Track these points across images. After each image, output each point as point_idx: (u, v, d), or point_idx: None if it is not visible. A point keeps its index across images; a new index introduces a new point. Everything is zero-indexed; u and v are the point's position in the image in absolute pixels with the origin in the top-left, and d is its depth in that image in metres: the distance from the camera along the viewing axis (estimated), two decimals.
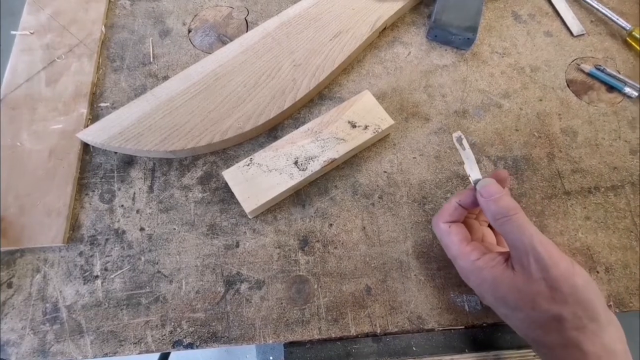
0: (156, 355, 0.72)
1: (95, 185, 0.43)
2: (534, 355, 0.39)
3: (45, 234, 0.40)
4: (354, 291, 0.39)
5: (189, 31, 0.52)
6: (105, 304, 0.38)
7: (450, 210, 0.36)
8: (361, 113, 0.44)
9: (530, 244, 0.31)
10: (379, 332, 0.38)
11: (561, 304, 0.30)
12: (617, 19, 0.52)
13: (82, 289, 0.39)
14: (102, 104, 0.47)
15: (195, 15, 0.53)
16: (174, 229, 0.41)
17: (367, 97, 0.45)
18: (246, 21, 0.53)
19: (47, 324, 0.38)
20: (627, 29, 0.51)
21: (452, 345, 0.39)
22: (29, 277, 0.39)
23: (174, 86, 0.46)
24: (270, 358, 0.53)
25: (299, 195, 0.43)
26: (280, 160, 0.42)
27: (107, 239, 0.41)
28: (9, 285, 0.39)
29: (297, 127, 0.45)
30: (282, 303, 0.39)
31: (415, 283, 0.40)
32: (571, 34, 0.53)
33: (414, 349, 0.39)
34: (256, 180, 0.41)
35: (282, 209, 0.43)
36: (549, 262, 0.30)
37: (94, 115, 0.46)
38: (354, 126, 0.44)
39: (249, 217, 0.42)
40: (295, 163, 0.42)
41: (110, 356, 0.37)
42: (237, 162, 0.43)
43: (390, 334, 0.39)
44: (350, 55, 0.48)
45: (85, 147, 0.45)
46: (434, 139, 0.46)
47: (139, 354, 0.37)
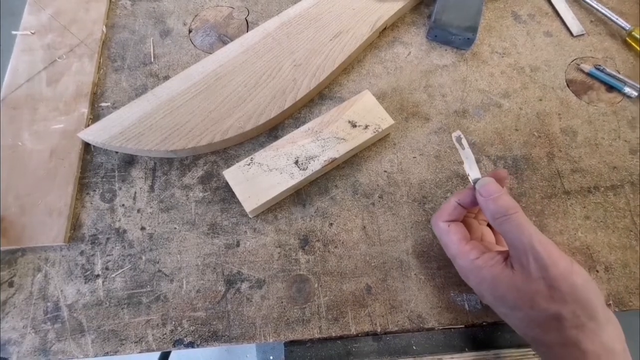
0: (157, 354, 0.72)
1: (96, 184, 0.43)
2: (534, 354, 0.39)
3: (47, 233, 0.40)
4: (354, 290, 0.40)
5: (190, 31, 0.52)
6: (106, 303, 0.39)
7: (449, 209, 0.36)
8: (361, 113, 0.45)
9: (530, 243, 0.31)
10: (379, 331, 0.38)
11: (560, 303, 0.30)
12: (617, 19, 0.52)
13: (83, 288, 0.39)
14: (103, 104, 0.47)
15: (196, 16, 0.53)
16: (175, 228, 0.42)
17: (367, 97, 0.45)
18: (247, 21, 0.53)
19: (48, 323, 0.38)
20: (627, 29, 0.51)
21: (452, 344, 0.39)
22: (30, 276, 0.39)
23: (175, 86, 0.46)
24: (271, 357, 0.53)
25: (299, 194, 0.43)
26: (281, 159, 0.42)
27: (108, 238, 0.41)
28: (10, 284, 0.39)
29: (298, 127, 0.45)
30: (282, 302, 0.39)
31: (415, 282, 0.40)
32: (571, 34, 0.53)
33: (414, 347, 0.39)
34: (257, 179, 0.41)
35: (283, 209, 0.43)
36: (548, 262, 0.30)
37: (95, 115, 0.46)
38: (354, 126, 0.44)
39: (250, 216, 0.42)
40: (296, 162, 0.42)
41: (111, 355, 0.37)
42: (237, 162, 0.43)
43: (390, 333, 0.39)
44: (351, 55, 0.48)
45: (86, 146, 0.45)
46: (434, 139, 0.46)
47: (139, 352, 0.37)
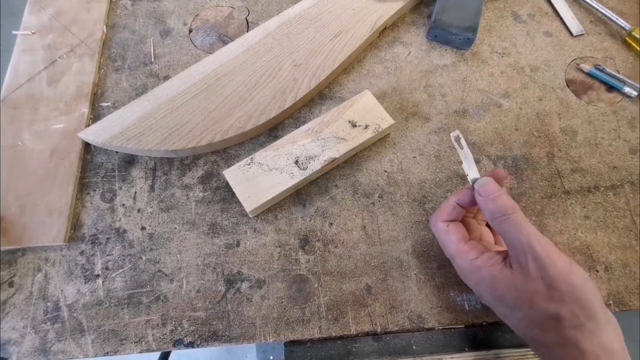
0: (157, 354, 0.72)
1: (96, 184, 0.43)
2: (534, 354, 0.39)
3: (47, 233, 0.40)
4: (354, 290, 0.40)
5: (190, 31, 0.52)
6: (106, 303, 0.39)
7: (448, 209, 0.36)
8: (361, 113, 0.45)
9: (528, 243, 0.31)
10: (379, 331, 0.38)
11: (559, 303, 0.30)
12: (617, 19, 0.52)
13: (83, 288, 0.39)
14: (103, 104, 0.47)
15: (196, 15, 0.53)
16: (175, 228, 0.42)
17: (367, 96, 0.45)
18: (247, 21, 0.53)
19: (48, 323, 0.38)
20: (627, 28, 0.51)
21: (452, 344, 0.39)
22: (30, 276, 0.39)
23: (175, 86, 0.46)
24: (271, 357, 0.53)
25: (299, 194, 0.43)
26: (281, 159, 0.42)
27: (108, 238, 0.41)
28: (10, 284, 0.39)
29: (298, 127, 0.45)
30: (282, 302, 0.39)
31: (415, 282, 0.40)
32: (571, 34, 0.53)
33: (414, 347, 0.39)
34: (257, 179, 0.41)
35: (283, 208, 0.43)
36: (547, 261, 0.30)
37: (95, 114, 0.46)
38: (355, 126, 0.44)
39: (250, 216, 0.42)
40: (296, 162, 0.42)
41: (111, 355, 0.37)
42: (237, 162, 0.43)
43: (390, 332, 0.39)
44: (351, 55, 0.48)
45: (87, 146, 0.45)
46: (434, 139, 0.46)
47: (139, 352, 0.37)
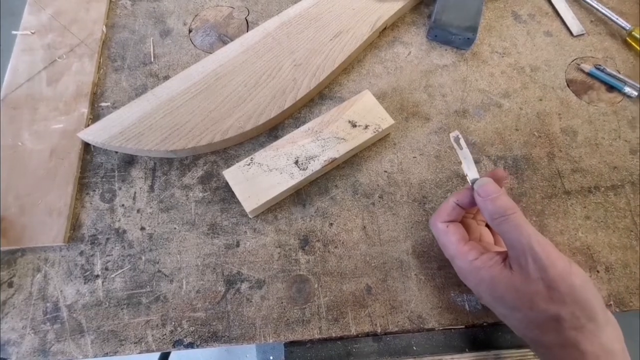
0: (156, 355, 0.72)
1: (96, 184, 0.43)
2: (534, 355, 0.39)
3: (46, 233, 0.40)
4: (355, 290, 0.40)
5: (190, 31, 0.52)
6: (105, 304, 0.38)
7: (448, 209, 0.36)
8: (361, 113, 0.45)
9: (528, 244, 0.31)
10: (379, 331, 0.38)
11: (559, 304, 0.30)
12: (617, 19, 0.52)
13: (82, 289, 0.39)
14: (103, 104, 0.47)
15: (196, 15, 0.53)
16: (175, 228, 0.42)
17: (367, 96, 0.45)
18: (247, 21, 0.53)
19: (48, 324, 0.38)
20: (627, 28, 0.51)
21: (452, 344, 0.39)
22: (30, 277, 0.39)
23: (175, 86, 0.46)
24: (271, 357, 0.53)
25: (299, 194, 0.43)
26: (281, 159, 0.42)
27: (107, 239, 0.41)
28: (10, 285, 0.39)
29: (298, 127, 0.45)
30: (282, 302, 0.39)
31: (415, 282, 0.40)
32: (571, 34, 0.53)
33: (415, 348, 0.39)
34: (257, 179, 0.41)
35: (283, 209, 0.43)
36: (547, 262, 0.30)
37: (95, 114, 0.46)
38: (355, 126, 0.44)
39: (250, 216, 0.42)
40: (296, 162, 0.42)
41: (110, 356, 0.37)
42: (237, 162, 0.43)
43: (390, 333, 0.39)
44: (351, 55, 0.48)
45: (86, 146, 0.45)
46: (434, 139, 0.46)
47: (139, 353, 0.37)
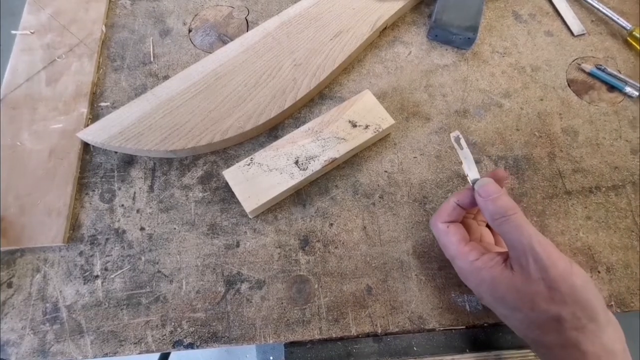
0: (156, 355, 0.72)
1: (95, 184, 0.43)
2: (534, 355, 0.39)
3: (46, 233, 0.40)
4: (355, 291, 0.39)
5: (190, 31, 0.52)
6: (105, 304, 0.38)
7: (448, 210, 0.36)
8: (362, 112, 0.44)
9: (529, 244, 0.31)
10: (379, 332, 0.38)
11: (560, 304, 0.30)
12: (618, 19, 0.52)
13: (82, 289, 0.39)
14: (102, 104, 0.47)
15: (196, 15, 0.53)
16: (175, 228, 0.41)
17: (367, 96, 0.45)
18: (247, 21, 0.53)
19: (47, 324, 0.38)
20: (628, 28, 0.51)
21: (453, 345, 0.39)
22: (29, 277, 0.39)
23: (175, 86, 0.46)
24: (271, 358, 0.52)
25: (299, 194, 0.43)
26: (281, 159, 0.42)
27: (107, 239, 0.41)
28: (9, 285, 0.39)
29: (298, 127, 0.45)
30: (282, 303, 0.39)
31: (416, 283, 0.40)
32: (572, 34, 0.53)
33: (415, 349, 0.39)
34: (257, 179, 0.41)
35: (283, 209, 0.43)
36: (548, 262, 0.30)
37: (94, 114, 0.46)
38: (355, 126, 0.44)
39: (250, 216, 0.42)
40: (296, 162, 0.42)
41: (110, 356, 0.37)
42: (237, 162, 0.43)
43: (391, 334, 0.39)
44: (351, 55, 0.48)
45: (86, 146, 0.45)
46: (434, 139, 0.46)
47: (139, 354, 0.37)
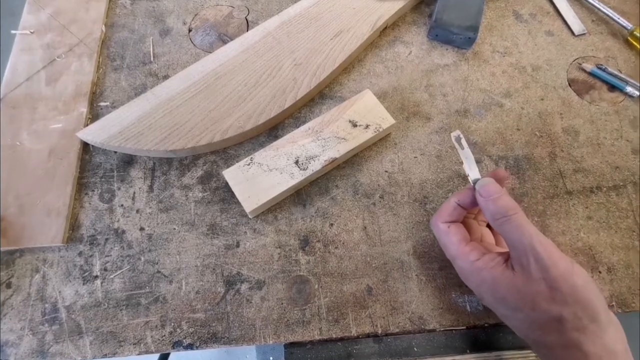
0: (156, 356, 0.72)
1: (95, 184, 0.43)
2: (535, 356, 0.38)
3: (45, 233, 0.39)
4: (355, 291, 0.39)
5: (190, 30, 0.52)
6: (104, 305, 0.38)
7: (449, 210, 0.36)
8: (362, 112, 0.44)
9: (530, 244, 0.31)
10: (380, 332, 0.38)
11: (561, 305, 0.30)
12: (619, 19, 0.52)
13: (81, 289, 0.39)
14: (102, 103, 0.47)
15: (196, 15, 0.53)
16: (174, 228, 0.41)
17: (368, 96, 0.45)
18: (247, 20, 0.53)
19: (46, 325, 0.37)
20: (629, 28, 0.51)
21: (453, 345, 0.39)
22: (28, 277, 0.39)
23: (174, 85, 0.45)
24: (271, 358, 0.52)
25: (299, 194, 0.43)
26: (281, 159, 0.42)
27: (106, 239, 0.41)
28: (8, 286, 0.39)
29: (298, 127, 0.44)
30: (282, 303, 0.39)
31: (416, 283, 0.40)
32: (572, 34, 0.53)
33: (415, 349, 0.39)
34: (257, 179, 0.41)
35: (283, 209, 0.42)
36: (549, 262, 0.30)
37: (94, 114, 0.46)
38: (355, 125, 0.44)
39: (250, 216, 0.42)
40: (296, 162, 0.42)
41: (109, 357, 0.37)
42: (237, 162, 0.42)
43: (391, 334, 0.38)
44: (351, 55, 0.48)
45: (85, 146, 0.45)
46: (435, 139, 0.46)
47: (138, 354, 0.37)
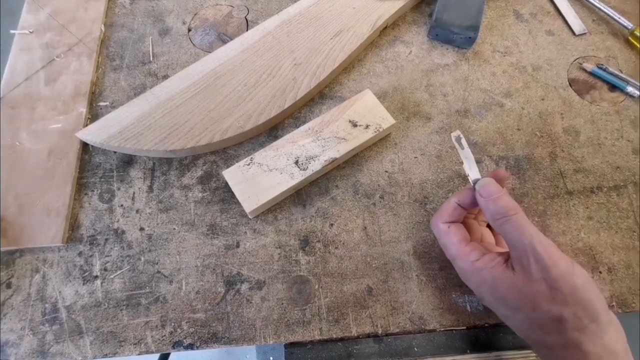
0: (156, 356, 0.72)
1: (94, 184, 0.43)
2: (535, 356, 0.38)
3: (45, 233, 0.39)
4: (355, 291, 0.39)
5: (189, 30, 0.52)
6: (104, 305, 0.38)
7: (449, 210, 0.36)
8: (362, 112, 0.44)
9: (530, 244, 0.31)
10: (380, 332, 0.38)
11: (561, 305, 0.30)
12: (619, 18, 0.52)
13: (81, 289, 0.39)
14: (101, 103, 0.47)
15: (195, 14, 0.53)
16: (174, 228, 0.41)
17: (368, 96, 0.45)
18: (246, 20, 0.52)
19: (47, 325, 0.37)
20: (629, 28, 0.51)
21: (453, 345, 0.39)
22: (28, 278, 0.39)
23: (174, 85, 0.45)
24: (271, 358, 0.52)
25: (299, 195, 0.43)
26: (281, 159, 0.42)
27: (106, 239, 0.41)
28: (8, 286, 0.39)
29: (298, 127, 0.44)
30: (282, 303, 0.39)
31: (416, 283, 0.40)
32: (573, 33, 0.53)
33: (416, 349, 0.39)
34: (256, 179, 0.41)
35: (283, 209, 0.42)
36: (549, 263, 0.30)
37: (93, 114, 0.46)
38: (355, 125, 0.44)
39: (250, 217, 0.42)
40: (296, 162, 0.42)
41: (110, 357, 0.37)
42: (237, 162, 0.42)
43: (391, 334, 0.38)
44: (351, 54, 0.48)
45: (85, 146, 0.44)
46: (435, 139, 0.46)
47: (138, 354, 0.37)
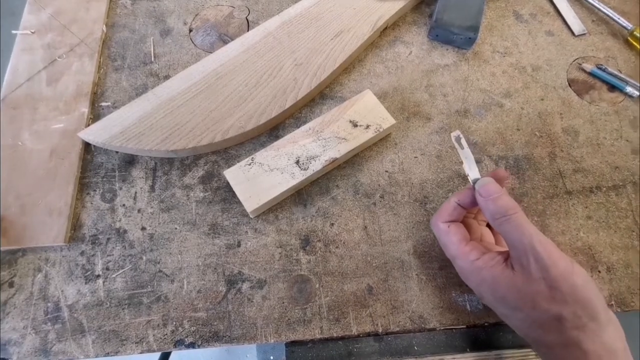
0: (157, 355, 0.72)
1: (96, 184, 0.43)
2: (535, 354, 0.39)
3: (47, 233, 0.40)
4: (356, 290, 0.39)
5: (190, 30, 0.52)
6: (106, 304, 0.38)
7: (449, 209, 0.36)
8: (362, 112, 0.44)
9: (530, 244, 0.31)
10: (380, 331, 0.38)
11: (561, 304, 0.30)
12: (619, 19, 0.52)
13: (83, 289, 0.39)
14: (103, 104, 0.47)
15: (197, 15, 0.53)
16: (176, 228, 0.41)
17: (368, 96, 0.45)
18: (247, 20, 0.53)
19: (49, 324, 0.38)
20: (629, 28, 0.51)
21: (453, 344, 0.39)
22: (31, 277, 0.39)
23: (175, 85, 0.46)
24: (271, 357, 0.53)
25: (300, 194, 0.43)
26: (282, 159, 0.42)
27: (108, 239, 0.41)
28: (11, 285, 0.39)
29: (299, 127, 0.45)
30: (283, 302, 0.39)
31: (416, 282, 0.40)
32: (572, 34, 0.53)
33: (416, 348, 0.39)
34: (258, 179, 0.41)
35: (284, 209, 0.43)
36: (549, 262, 0.30)
37: (95, 114, 0.46)
38: (356, 125, 0.44)
39: (251, 216, 0.42)
40: (297, 162, 0.42)
41: (112, 355, 0.37)
42: (238, 162, 0.43)
43: (391, 333, 0.39)
44: (352, 55, 0.48)
45: (87, 146, 0.45)
46: (435, 139, 0.46)
47: (140, 353, 0.37)
